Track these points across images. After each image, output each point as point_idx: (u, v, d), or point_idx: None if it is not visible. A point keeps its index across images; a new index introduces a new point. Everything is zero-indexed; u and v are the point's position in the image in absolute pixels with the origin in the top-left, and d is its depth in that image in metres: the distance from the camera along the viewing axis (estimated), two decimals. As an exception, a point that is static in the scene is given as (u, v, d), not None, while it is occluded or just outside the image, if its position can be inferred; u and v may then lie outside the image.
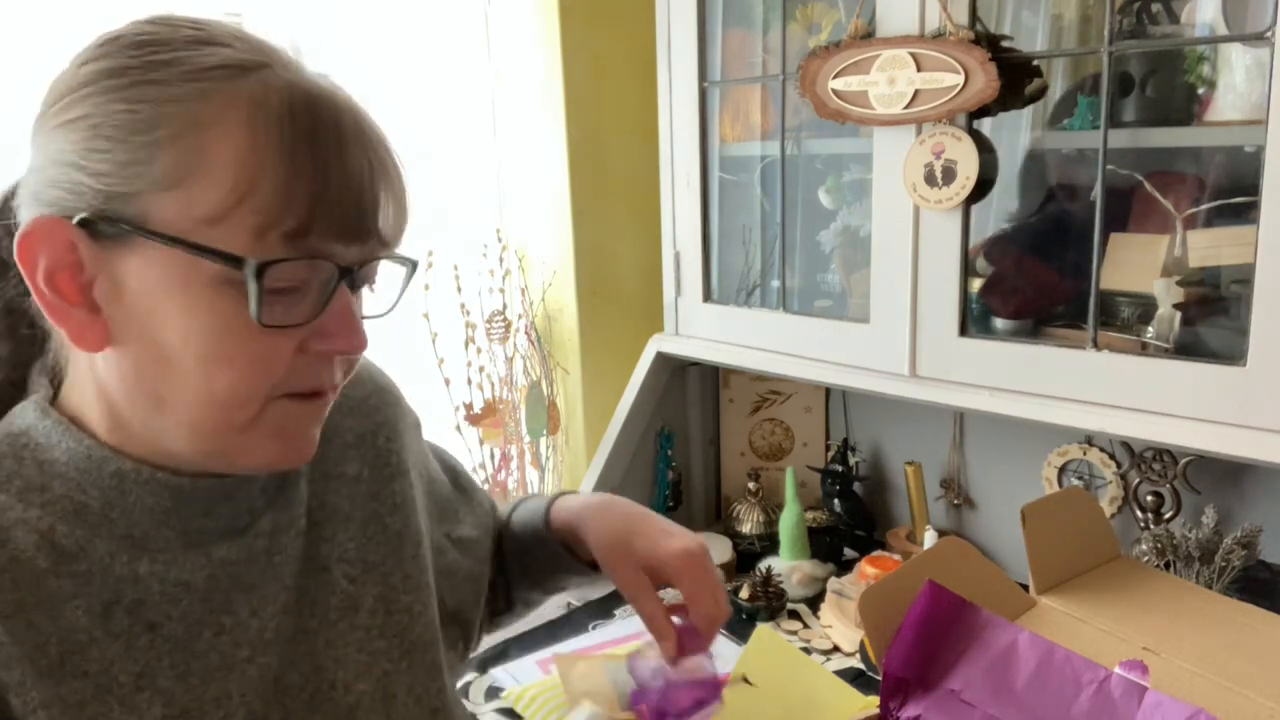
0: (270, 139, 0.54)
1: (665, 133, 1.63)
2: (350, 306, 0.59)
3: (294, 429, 0.61)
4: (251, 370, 0.57)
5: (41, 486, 0.59)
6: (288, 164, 0.54)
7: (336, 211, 0.56)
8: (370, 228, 0.58)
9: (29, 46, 1.23)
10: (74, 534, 0.58)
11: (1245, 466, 1.27)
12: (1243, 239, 1.09)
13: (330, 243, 0.56)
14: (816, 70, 1.34)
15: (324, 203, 0.55)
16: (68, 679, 0.56)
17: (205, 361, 0.56)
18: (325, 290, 0.58)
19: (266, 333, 0.56)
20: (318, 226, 0.55)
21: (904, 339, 1.35)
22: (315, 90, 0.57)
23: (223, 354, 0.56)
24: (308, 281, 0.57)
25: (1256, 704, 0.69)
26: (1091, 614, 0.81)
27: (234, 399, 0.57)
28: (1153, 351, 1.18)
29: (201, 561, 0.62)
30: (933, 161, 1.25)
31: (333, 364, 0.61)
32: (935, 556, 0.83)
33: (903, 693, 0.78)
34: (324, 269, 0.57)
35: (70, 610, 0.57)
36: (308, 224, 0.55)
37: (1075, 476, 1.50)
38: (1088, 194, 1.22)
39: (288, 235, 0.55)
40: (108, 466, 0.59)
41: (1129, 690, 0.68)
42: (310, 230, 0.55)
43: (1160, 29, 1.22)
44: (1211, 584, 1.19)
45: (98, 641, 0.57)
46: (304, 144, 0.55)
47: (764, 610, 1.54)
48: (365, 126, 0.59)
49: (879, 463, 1.81)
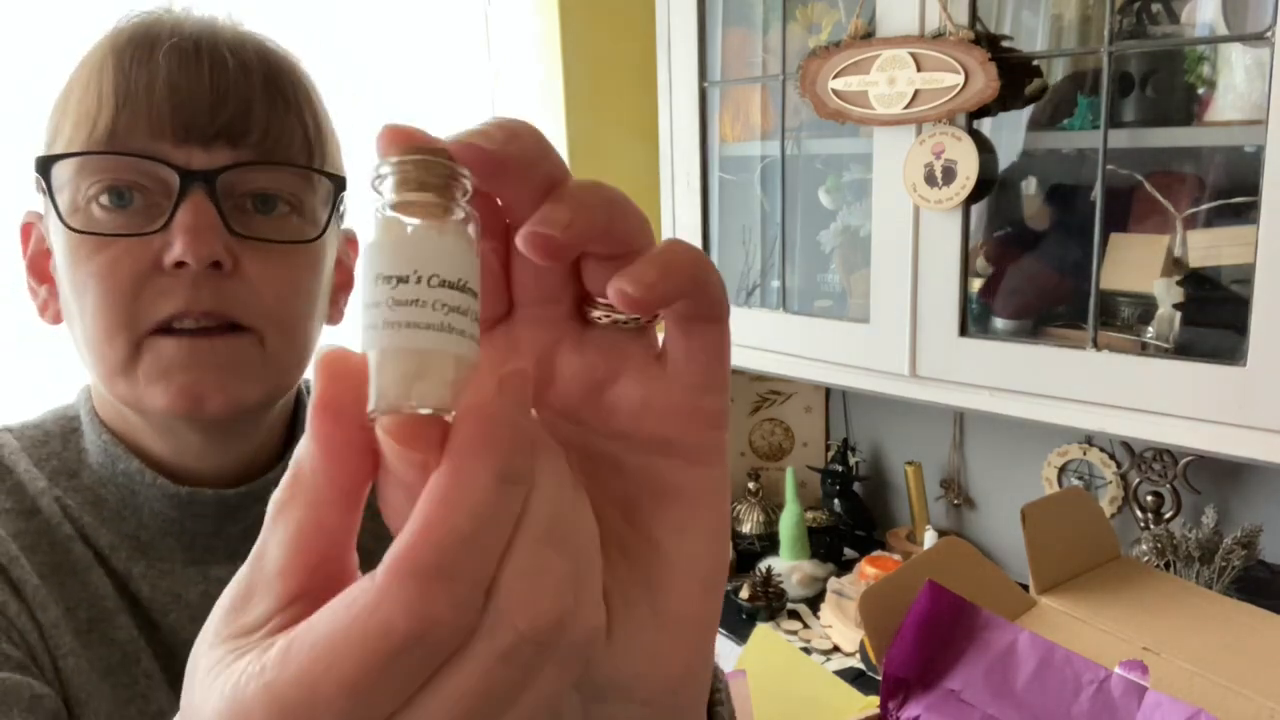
0: (92, 59, 0.56)
1: (665, 133, 1.63)
2: (197, 215, 0.54)
3: (174, 370, 0.55)
4: (102, 290, 0.54)
5: (72, 473, 0.60)
6: (97, 72, 0.55)
7: (145, 108, 0.54)
8: (206, 128, 0.55)
9: (27, 46, 1.23)
10: (84, 519, 0.59)
11: (1245, 466, 1.27)
12: (1243, 239, 1.09)
13: (154, 142, 0.54)
14: (816, 70, 1.34)
15: (132, 100, 0.54)
16: (95, 644, 0.57)
17: (76, 296, 0.56)
18: (171, 199, 0.55)
19: (105, 246, 0.55)
20: (124, 123, 0.54)
21: (904, 339, 1.35)
22: (157, 16, 0.57)
23: (78, 281, 0.55)
24: (145, 189, 0.55)
25: (1256, 704, 0.69)
26: (1091, 614, 0.81)
27: (101, 331, 0.55)
28: (1153, 351, 1.18)
29: (198, 578, 0.61)
30: (933, 161, 1.25)
31: (184, 285, 0.55)
32: (935, 556, 0.83)
33: (903, 693, 0.78)
34: (159, 173, 0.55)
35: (96, 578, 0.58)
36: (113, 123, 0.54)
37: (1075, 476, 1.50)
38: (1088, 194, 1.22)
39: (99, 140, 0.54)
40: (119, 465, 0.60)
41: (1129, 690, 0.68)
42: (116, 129, 0.54)
43: (1160, 29, 1.22)
44: (1211, 584, 1.19)
45: (124, 612, 0.58)
46: (114, 55, 0.55)
47: (764, 610, 1.54)
48: (221, 36, 0.57)
49: (879, 463, 1.81)
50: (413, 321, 0.23)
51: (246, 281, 0.56)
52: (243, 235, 0.56)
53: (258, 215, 0.58)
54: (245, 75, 0.56)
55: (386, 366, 0.23)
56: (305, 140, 0.59)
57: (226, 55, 0.56)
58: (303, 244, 0.59)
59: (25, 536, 0.57)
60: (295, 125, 0.59)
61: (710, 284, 0.27)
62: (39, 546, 0.57)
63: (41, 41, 1.24)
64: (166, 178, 0.55)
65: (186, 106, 0.55)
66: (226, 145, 0.56)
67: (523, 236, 0.25)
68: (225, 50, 0.56)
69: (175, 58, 0.55)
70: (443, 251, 0.24)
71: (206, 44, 0.56)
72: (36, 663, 0.54)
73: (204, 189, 0.54)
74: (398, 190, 0.24)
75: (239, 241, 0.56)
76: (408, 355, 0.23)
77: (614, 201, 0.26)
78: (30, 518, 0.58)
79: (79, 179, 0.55)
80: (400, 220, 0.24)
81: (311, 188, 0.60)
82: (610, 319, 0.28)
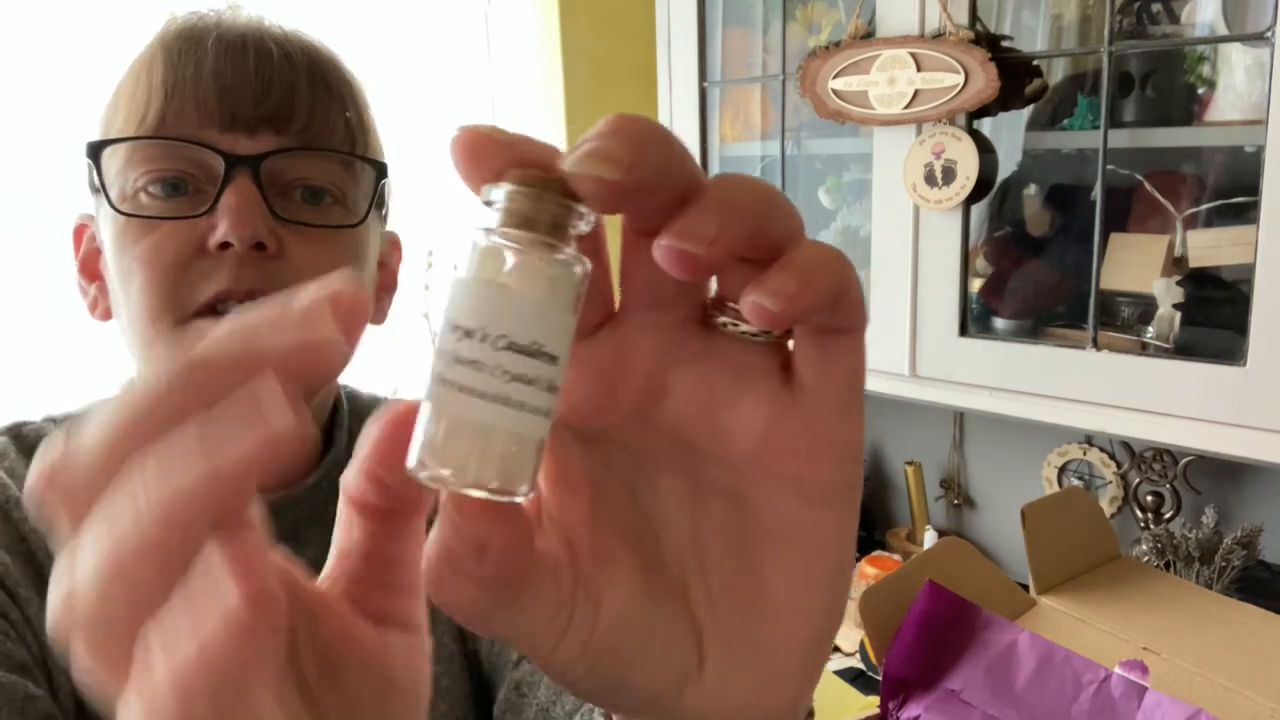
0: (143, 57, 0.57)
1: (665, 133, 1.63)
2: (241, 197, 0.55)
3: None
4: (148, 273, 0.55)
5: None
6: (147, 67, 0.57)
7: (193, 97, 0.56)
8: (251, 116, 0.56)
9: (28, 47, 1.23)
10: None
11: (1245, 466, 1.26)
12: (1243, 239, 1.09)
13: (201, 130, 0.56)
14: (816, 70, 1.34)
15: (180, 90, 0.55)
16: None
17: (123, 283, 0.57)
18: (217, 185, 0.56)
19: (150, 230, 0.56)
20: (172, 112, 0.55)
21: (904, 339, 1.35)
22: (204, 14, 0.59)
23: (124, 267, 0.56)
24: (191, 175, 0.56)
25: (1256, 704, 0.69)
26: (1091, 614, 0.81)
27: (147, 313, 0.56)
28: (1153, 351, 1.18)
29: None
30: (933, 161, 1.25)
31: (229, 266, 0.55)
32: (935, 556, 0.83)
33: (903, 693, 0.78)
34: (206, 160, 0.56)
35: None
36: (162, 112, 0.55)
37: (1075, 476, 1.50)
38: (1088, 194, 1.22)
39: (149, 129, 0.56)
40: None
41: (1129, 690, 0.68)
42: (165, 118, 0.55)
43: (1160, 29, 1.22)
44: (1211, 584, 1.19)
45: None
46: (163, 50, 0.57)
47: (764, 610, 1.54)
48: (267, 31, 0.59)
49: (879, 463, 1.81)
50: (466, 385, 0.21)
51: (291, 265, 0.57)
52: (286, 220, 0.57)
53: (305, 205, 0.59)
54: (290, 65, 0.58)
55: (431, 427, 0.21)
56: (348, 129, 0.60)
57: (272, 46, 0.58)
58: (346, 229, 0.60)
59: None
60: (338, 114, 0.60)
61: (853, 291, 0.23)
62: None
63: (67, 52, 1.24)
64: (213, 164, 0.56)
65: (232, 94, 0.56)
66: (271, 132, 0.57)
67: (661, 251, 0.21)
68: (271, 42, 0.58)
69: (222, 49, 0.56)
70: (523, 307, 0.21)
71: (252, 36, 0.58)
72: (48, 665, 0.53)
73: (249, 173, 0.55)
74: (499, 222, 0.21)
75: (283, 226, 0.57)
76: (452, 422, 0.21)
77: (767, 202, 0.23)
78: None
79: (128, 169, 0.56)
80: (490, 255, 0.21)
81: (354, 179, 0.61)
82: (739, 328, 0.24)
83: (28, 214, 1.22)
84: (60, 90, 1.22)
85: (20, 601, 0.53)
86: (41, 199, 1.21)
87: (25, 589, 0.53)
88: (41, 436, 0.60)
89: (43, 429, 0.61)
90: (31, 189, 1.22)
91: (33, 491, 0.19)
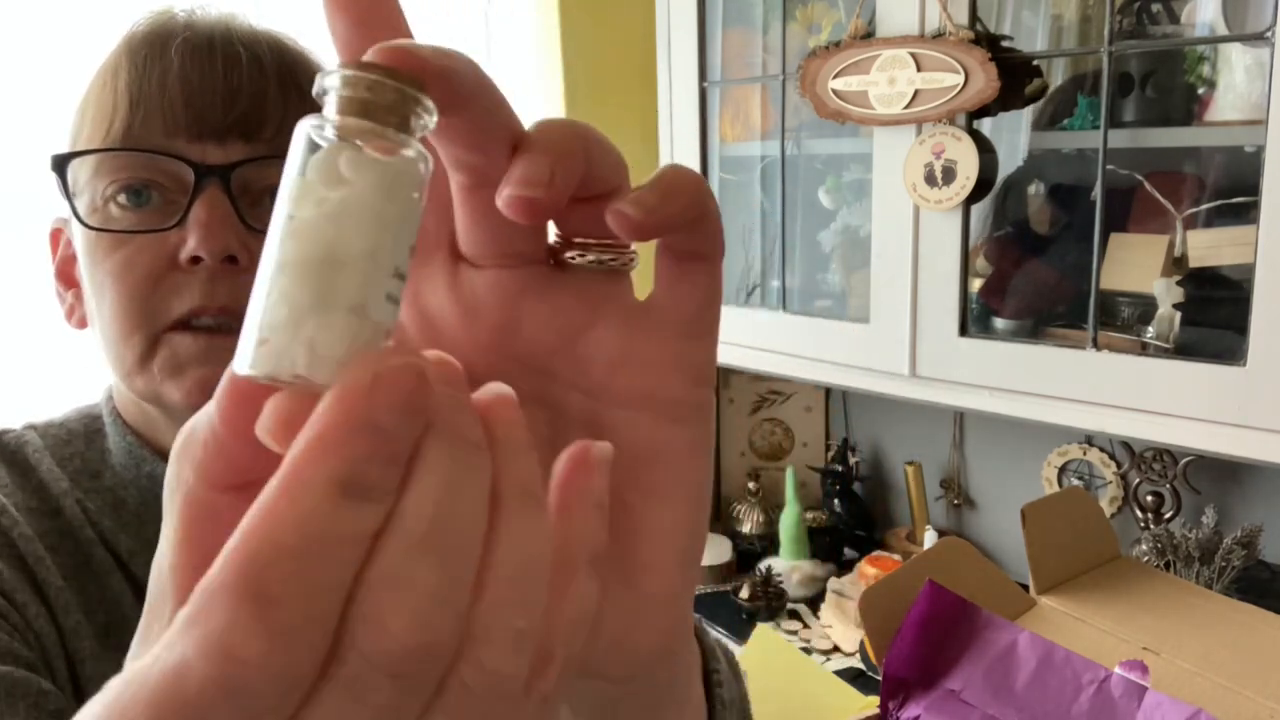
0: (108, 62, 0.56)
1: (665, 133, 1.63)
2: (211, 209, 0.53)
3: (189, 365, 0.55)
4: (119, 289, 0.54)
5: (94, 474, 0.60)
6: (113, 74, 0.55)
7: (159, 106, 0.54)
8: (220, 124, 0.54)
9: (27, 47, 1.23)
10: (105, 523, 0.59)
11: (1245, 466, 1.27)
12: (1243, 239, 1.09)
13: (169, 139, 0.54)
14: (816, 70, 1.34)
15: (146, 99, 0.54)
16: (113, 650, 0.56)
17: (96, 296, 0.56)
18: (188, 195, 0.54)
19: (122, 244, 0.55)
20: (139, 121, 0.54)
21: (904, 339, 1.35)
22: (171, 15, 0.57)
23: (96, 280, 0.56)
24: (161, 187, 0.55)
25: (1256, 704, 0.69)
26: (1091, 614, 0.81)
27: (119, 330, 0.55)
28: (1153, 351, 1.18)
29: None
30: (933, 161, 1.25)
31: (200, 281, 0.54)
32: (935, 556, 0.83)
33: (903, 693, 0.78)
34: (176, 169, 0.54)
35: (115, 583, 0.58)
36: (129, 121, 0.54)
37: (1075, 476, 1.50)
38: (1088, 194, 1.22)
39: (114, 139, 0.54)
40: (144, 468, 0.60)
41: (1129, 690, 0.68)
42: (131, 127, 0.54)
43: (1160, 29, 1.22)
44: (1211, 584, 1.19)
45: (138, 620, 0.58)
46: (129, 55, 0.55)
47: (764, 610, 1.54)
48: (235, 33, 0.57)
49: (879, 463, 1.81)
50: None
51: None
52: (257, 229, 0.55)
53: None
54: (259, 69, 0.56)
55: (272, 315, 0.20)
56: None
57: (239, 50, 0.56)
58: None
59: (50, 537, 0.56)
60: None
61: (711, 214, 0.25)
62: (62, 548, 0.57)
63: (65, 50, 1.24)
64: (182, 174, 0.54)
65: (199, 102, 0.54)
66: (241, 140, 0.55)
67: (504, 200, 0.22)
68: (238, 45, 0.56)
69: (188, 54, 0.55)
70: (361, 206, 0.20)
71: (220, 39, 0.56)
72: (50, 666, 0.53)
73: (219, 184, 0.54)
74: (338, 111, 0.20)
75: (256, 237, 0.55)
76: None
77: (591, 141, 0.24)
78: (53, 518, 0.57)
79: (96, 179, 0.55)
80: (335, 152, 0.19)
81: None
82: (587, 259, 0.26)
83: (27, 214, 1.22)
84: (60, 90, 1.22)
85: (18, 606, 0.53)
86: (41, 199, 1.21)
87: (21, 594, 0.53)
88: (22, 444, 0.60)
89: (23, 436, 0.61)
90: (31, 189, 1.22)
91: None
